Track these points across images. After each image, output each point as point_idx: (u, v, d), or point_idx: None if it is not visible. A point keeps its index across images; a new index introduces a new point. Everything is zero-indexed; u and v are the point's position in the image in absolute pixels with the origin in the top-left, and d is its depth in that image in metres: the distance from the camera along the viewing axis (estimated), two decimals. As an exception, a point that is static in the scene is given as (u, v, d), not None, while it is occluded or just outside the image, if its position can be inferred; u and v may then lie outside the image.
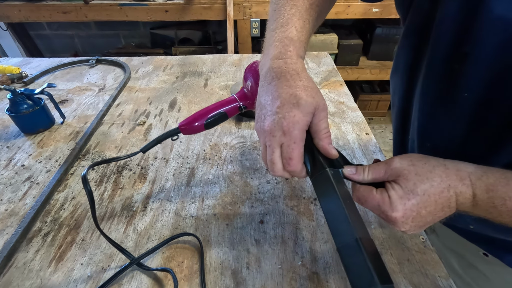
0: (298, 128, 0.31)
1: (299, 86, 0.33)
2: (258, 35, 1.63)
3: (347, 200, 0.30)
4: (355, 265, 0.27)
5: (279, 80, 0.33)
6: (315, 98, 0.32)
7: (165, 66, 0.88)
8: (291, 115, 0.31)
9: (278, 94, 0.33)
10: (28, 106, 0.60)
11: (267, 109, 0.33)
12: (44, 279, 0.38)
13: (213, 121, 0.43)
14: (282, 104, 0.32)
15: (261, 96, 0.35)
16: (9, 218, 0.45)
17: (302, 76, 0.34)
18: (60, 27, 2.10)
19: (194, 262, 0.39)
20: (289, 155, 0.32)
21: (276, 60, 0.35)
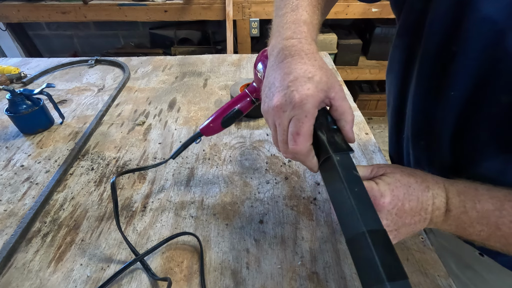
0: (312, 102, 0.29)
1: (314, 65, 0.31)
2: (258, 35, 1.63)
3: (355, 188, 0.27)
4: (363, 259, 0.25)
5: (293, 58, 0.32)
6: (330, 79, 0.31)
7: (164, 66, 0.88)
8: (304, 88, 0.29)
9: (291, 69, 0.31)
10: (27, 106, 0.60)
11: (276, 86, 0.31)
12: (44, 279, 0.38)
13: (229, 119, 0.45)
14: (295, 78, 0.30)
15: (269, 76, 0.33)
16: (8, 219, 0.45)
17: (317, 56, 0.32)
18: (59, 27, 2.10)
19: (193, 262, 0.39)
20: (297, 129, 0.29)
21: (290, 40, 0.33)
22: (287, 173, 0.52)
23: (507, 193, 0.29)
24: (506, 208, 0.28)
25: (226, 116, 0.45)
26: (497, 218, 0.28)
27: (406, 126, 0.44)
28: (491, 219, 0.29)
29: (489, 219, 0.29)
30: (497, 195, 0.29)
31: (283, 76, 0.31)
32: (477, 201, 0.29)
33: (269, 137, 0.60)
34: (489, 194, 0.30)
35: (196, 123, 0.64)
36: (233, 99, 0.45)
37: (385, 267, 0.23)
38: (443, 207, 0.30)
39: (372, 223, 0.26)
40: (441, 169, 0.40)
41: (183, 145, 0.48)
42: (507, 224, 0.28)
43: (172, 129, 0.62)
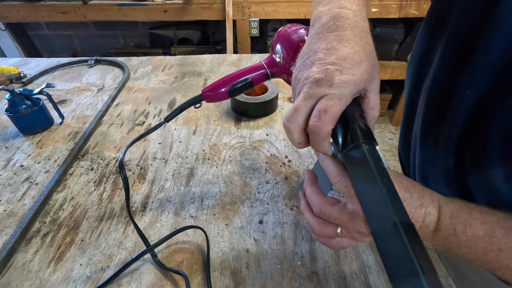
0: (351, 88, 0.27)
1: (365, 49, 0.29)
2: (257, 35, 1.63)
3: (384, 179, 0.26)
4: (392, 251, 0.24)
5: (345, 32, 0.29)
6: (374, 69, 0.29)
7: (164, 66, 0.87)
8: (349, 71, 0.27)
9: (341, 46, 0.28)
10: (26, 106, 0.60)
11: (318, 57, 0.29)
12: (43, 279, 0.38)
13: (238, 88, 0.41)
14: (343, 57, 0.28)
15: (313, 44, 0.30)
16: (8, 219, 0.45)
17: (368, 38, 0.30)
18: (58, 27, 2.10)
19: (193, 262, 0.39)
20: (327, 107, 0.27)
21: (345, 10, 0.30)
22: (287, 173, 0.52)
23: (501, 218, 0.29)
24: (496, 235, 0.28)
25: (235, 85, 0.41)
26: (486, 244, 0.28)
27: (416, 123, 0.43)
28: (479, 245, 0.28)
29: (478, 244, 0.28)
30: (491, 220, 0.28)
31: (330, 50, 0.28)
32: (468, 225, 0.29)
33: (269, 137, 0.60)
34: (482, 219, 0.29)
35: (196, 123, 0.64)
36: (247, 68, 0.41)
37: (419, 260, 0.22)
38: (432, 226, 0.30)
39: (403, 215, 0.25)
40: (444, 170, 0.39)
41: (179, 107, 0.44)
42: (495, 251, 0.28)
43: (171, 129, 0.62)
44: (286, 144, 0.58)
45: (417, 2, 1.50)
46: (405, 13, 1.52)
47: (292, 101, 0.70)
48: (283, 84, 0.77)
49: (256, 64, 0.41)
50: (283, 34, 0.40)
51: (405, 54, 1.76)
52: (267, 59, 0.42)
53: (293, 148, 0.57)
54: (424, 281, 0.21)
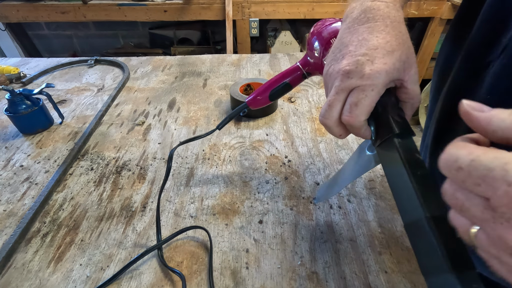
0: (383, 78, 0.26)
1: (398, 38, 0.28)
2: (257, 35, 1.63)
3: (417, 172, 0.25)
4: (423, 247, 0.23)
5: (376, 24, 0.29)
6: (410, 58, 0.28)
7: (164, 66, 0.87)
8: (381, 61, 0.26)
9: (372, 36, 0.28)
10: (26, 106, 0.59)
11: (349, 49, 0.28)
12: (43, 279, 0.38)
13: (277, 92, 0.44)
14: (374, 47, 0.27)
15: (343, 38, 0.30)
16: (7, 219, 0.45)
17: (402, 28, 0.29)
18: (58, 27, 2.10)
19: (193, 262, 0.39)
20: (358, 100, 0.26)
21: (377, 2, 0.30)
22: (287, 173, 0.52)
23: None
24: None
25: (275, 89, 0.44)
26: None
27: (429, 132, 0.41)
28: None
29: None
30: None
31: (361, 41, 0.28)
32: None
33: (269, 137, 0.60)
34: None
35: (196, 123, 0.64)
36: (283, 71, 0.44)
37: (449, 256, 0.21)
38: None
39: (435, 209, 0.23)
40: None
41: (229, 116, 0.48)
42: None
43: (171, 129, 0.62)
44: (286, 144, 0.58)
45: (417, 2, 1.50)
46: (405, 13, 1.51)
47: (292, 101, 0.70)
48: (283, 84, 0.77)
49: (292, 67, 0.44)
50: (316, 30, 0.40)
51: (405, 54, 1.76)
52: (302, 60, 0.44)
53: (293, 148, 0.57)
54: (455, 277, 0.20)
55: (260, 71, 0.83)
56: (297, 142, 0.58)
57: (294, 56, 0.92)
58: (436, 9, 1.56)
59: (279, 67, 0.86)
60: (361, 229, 0.43)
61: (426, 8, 1.53)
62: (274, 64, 0.87)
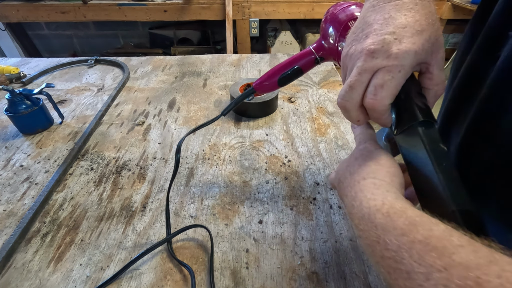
0: (412, 59, 0.25)
1: (428, 18, 0.26)
2: (257, 35, 1.63)
3: (442, 163, 0.23)
4: None
5: (404, 1, 0.27)
6: (439, 40, 0.26)
7: (164, 66, 0.87)
8: (410, 40, 0.25)
9: (400, 14, 0.26)
10: (26, 106, 0.59)
11: (374, 28, 0.26)
12: (43, 279, 0.38)
13: (287, 77, 0.42)
14: (403, 26, 0.25)
15: (367, 17, 0.28)
16: (7, 219, 0.45)
17: (432, 7, 0.27)
18: (58, 27, 2.10)
19: (193, 262, 0.39)
20: (384, 81, 0.25)
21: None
22: (287, 173, 0.52)
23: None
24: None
25: (284, 74, 0.41)
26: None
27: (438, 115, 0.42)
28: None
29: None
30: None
31: (387, 20, 0.26)
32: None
33: (269, 137, 0.60)
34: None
35: (196, 123, 0.64)
36: (295, 55, 0.41)
37: None
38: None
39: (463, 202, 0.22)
40: None
41: (234, 101, 0.45)
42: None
43: (171, 129, 0.62)
44: (286, 144, 0.58)
45: (417, 2, 1.50)
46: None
47: (292, 101, 0.70)
48: (283, 84, 0.77)
49: (304, 51, 0.41)
50: (331, 14, 0.38)
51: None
52: (315, 43, 0.41)
53: (293, 148, 0.57)
54: None
55: (260, 71, 0.83)
56: (297, 142, 0.58)
57: (294, 56, 0.92)
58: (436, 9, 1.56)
59: (279, 67, 0.86)
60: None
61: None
62: (274, 64, 0.87)
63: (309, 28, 1.82)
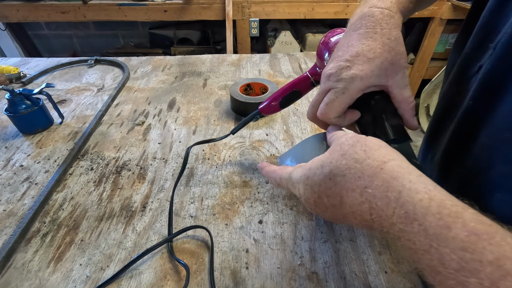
0: (357, 84, 0.29)
1: (384, 44, 0.29)
2: (257, 35, 1.63)
3: None
4: None
5: (367, 30, 0.30)
6: (394, 65, 0.29)
7: (164, 66, 0.87)
8: (358, 67, 0.29)
9: (359, 43, 0.30)
10: (26, 106, 0.59)
11: (338, 54, 0.31)
12: (43, 279, 0.38)
13: (288, 100, 0.46)
14: (357, 54, 0.29)
15: (340, 42, 0.33)
16: (7, 219, 0.45)
17: (393, 34, 0.30)
18: (58, 27, 2.10)
19: (193, 262, 0.39)
20: (329, 100, 0.30)
21: (373, 8, 0.31)
22: (287, 173, 0.52)
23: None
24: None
25: (285, 97, 0.46)
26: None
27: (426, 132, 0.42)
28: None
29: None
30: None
31: (348, 48, 0.30)
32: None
33: (269, 137, 0.60)
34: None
35: (196, 123, 0.64)
36: (293, 80, 0.46)
37: None
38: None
39: None
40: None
41: (243, 122, 0.51)
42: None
43: (171, 129, 0.62)
44: (286, 144, 0.58)
45: (417, 2, 1.50)
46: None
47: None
48: (283, 84, 0.77)
49: (301, 76, 0.46)
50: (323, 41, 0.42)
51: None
52: (311, 69, 0.45)
53: (293, 148, 0.57)
54: None
55: (260, 71, 0.83)
56: (297, 142, 0.58)
57: (294, 56, 0.92)
58: (436, 9, 1.56)
59: (279, 67, 0.86)
60: (361, 229, 0.43)
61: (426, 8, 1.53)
62: (274, 64, 0.87)
63: (309, 28, 1.82)
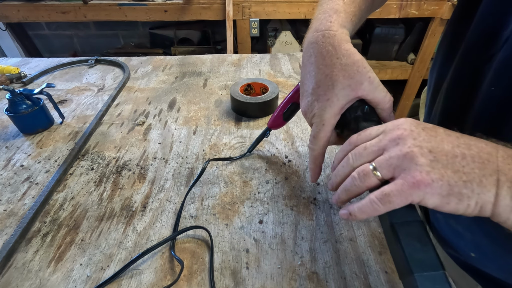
0: (329, 112, 0.31)
1: (336, 66, 0.31)
2: (258, 35, 1.63)
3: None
4: (394, 251, 0.25)
5: (316, 58, 0.32)
6: (355, 78, 0.30)
7: (164, 66, 0.88)
8: (324, 99, 0.31)
9: (315, 74, 0.32)
10: (27, 106, 0.60)
11: (304, 89, 0.34)
12: (43, 279, 0.38)
13: (289, 113, 0.49)
14: (317, 86, 0.32)
15: (301, 73, 0.35)
16: (8, 219, 0.45)
17: (339, 52, 0.31)
18: (59, 27, 2.10)
19: (193, 262, 0.39)
20: (314, 133, 0.33)
21: (315, 33, 0.33)
22: (287, 173, 0.52)
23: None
24: None
25: (286, 111, 0.49)
26: None
27: None
28: None
29: None
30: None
31: (309, 80, 0.33)
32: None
33: (269, 137, 0.60)
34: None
35: (196, 123, 0.64)
36: (289, 94, 0.48)
37: (413, 259, 0.23)
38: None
39: (402, 215, 0.25)
40: None
41: (256, 140, 0.54)
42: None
43: (172, 129, 0.62)
44: (286, 144, 0.58)
45: (418, 2, 1.50)
46: (406, 13, 1.52)
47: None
48: (283, 84, 0.77)
49: (295, 88, 0.47)
50: None
51: (405, 54, 1.76)
52: None
53: (293, 148, 0.57)
54: (415, 279, 0.22)
55: (260, 71, 0.83)
56: (298, 142, 0.58)
57: (294, 56, 0.92)
58: (436, 9, 1.55)
59: (280, 67, 0.86)
60: (361, 229, 0.43)
61: (427, 8, 1.53)
62: (274, 64, 0.87)
63: (310, 28, 1.81)
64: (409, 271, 0.23)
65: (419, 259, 0.23)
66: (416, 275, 0.22)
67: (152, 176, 0.52)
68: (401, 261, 0.24)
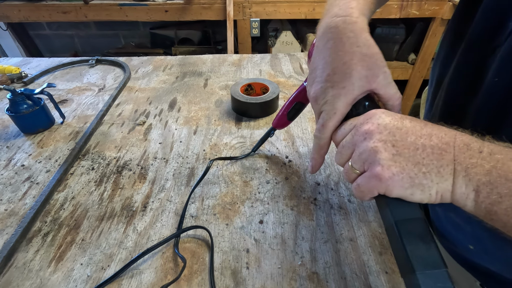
0: (343, 101, 0.30)
1: (356, 54, 0.30)
2: (258, 35, 1.63)
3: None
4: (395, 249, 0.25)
5: (335, 43, 0.31)
6: (372, 70, 0.30)
7: (165, 66, 0.88)
8: (340, 86, 0.30)
9: (331, 60, 0.31)
10: (27, 106, 0.60)
11: (316, 74, 0.32)
12: (44, 279, 0.38)
13: (294, 112, 0.49)
14: (333, 73, 0.30)
15: (314, 58, 0.33)
16: (8, 218, 0.45)
17: (360, 40, 0.30)
18: (59, 27, 2.10)
19: (193, 262, 0.39)
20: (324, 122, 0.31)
21: (335, 18, 0.32)
22: (287, 173, 0.52)
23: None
24: None
25: (290, 111, 0.48)
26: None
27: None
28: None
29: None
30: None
31: (324, 66, 0.31)
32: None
33: (270, 137, 0.60)
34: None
35: (197, 123, 0.64)
36: (294, 94, 0.48)
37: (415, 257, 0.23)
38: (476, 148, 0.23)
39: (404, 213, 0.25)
40: None
41: (261, 140, 0.54)
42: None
43: (172, 129, 0.63)
44: (286, 144, 0.58)
45: (418, 2, 1.50)
46: (406, 14, 1.52)
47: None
48: (284, 84, 0.77)
49: (300, 87, 0.47)
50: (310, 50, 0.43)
51: (406, 55, 1.76)
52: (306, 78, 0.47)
53: (293, 148, 0.57)
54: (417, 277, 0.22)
55: (261, 71, 0.83)
56: (298, 142, 0.58)
57: (295, 57, 0.92)
58: (437, 9, 1.55)
59: (280, 67, 0.86)
60: (362, 229, 0.43)
61: (428, 8, 1.53)
62: (275, 64, 0.87)
63: (310, 28, 1.81)
64: (411, 269, 0.22)
65: (421, 257, 0.23)
66: (418, 273, 0.22)
67: (152, 176, 0.52)
68: (403, 259, 0.24)
